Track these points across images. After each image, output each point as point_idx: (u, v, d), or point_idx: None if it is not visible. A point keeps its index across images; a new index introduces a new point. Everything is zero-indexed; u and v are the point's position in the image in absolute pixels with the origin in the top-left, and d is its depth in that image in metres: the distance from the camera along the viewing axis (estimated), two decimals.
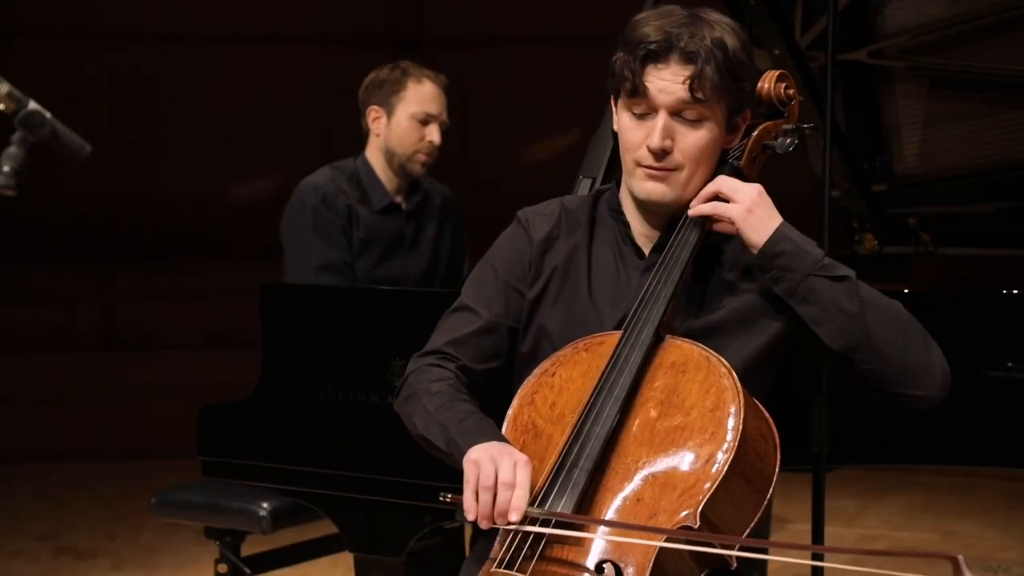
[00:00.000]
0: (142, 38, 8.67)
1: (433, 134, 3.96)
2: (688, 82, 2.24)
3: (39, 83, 3.66)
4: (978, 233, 3.94)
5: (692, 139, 2.28)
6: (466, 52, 8.89)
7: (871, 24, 3.86)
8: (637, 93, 2.27)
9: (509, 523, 2.06)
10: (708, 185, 2.30)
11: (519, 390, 2.27)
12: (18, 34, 8.41)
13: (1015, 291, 2.96)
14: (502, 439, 2.18)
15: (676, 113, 2.27)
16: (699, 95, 2.25)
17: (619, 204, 2.41)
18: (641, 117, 2.29)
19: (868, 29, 3.87)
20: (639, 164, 2.30)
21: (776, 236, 2.24)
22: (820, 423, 2.80)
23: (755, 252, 2.26)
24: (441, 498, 2.13)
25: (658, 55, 2.25)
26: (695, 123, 2.28)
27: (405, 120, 3.95)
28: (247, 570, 3.71)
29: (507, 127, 8.92)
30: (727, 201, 2.27)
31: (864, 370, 2.26)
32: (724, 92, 2.27)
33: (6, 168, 1.79)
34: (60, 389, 7.10)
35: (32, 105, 1.83)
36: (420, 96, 3.96)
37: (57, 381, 7.17)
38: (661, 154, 2.27)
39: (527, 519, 2.06)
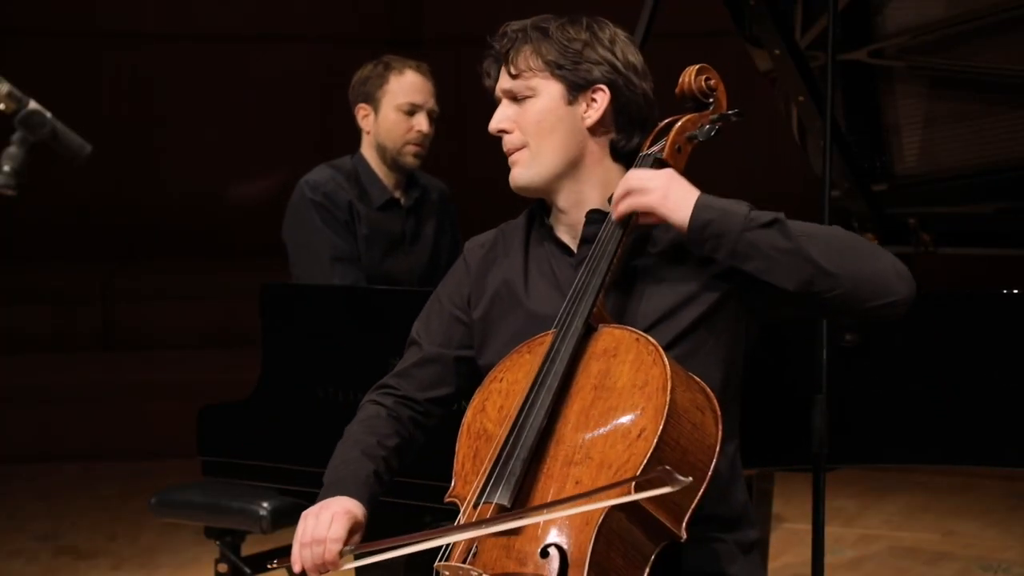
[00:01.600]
0: (142, 38, 8.68)
1: (421, 123, 3.95)
2: (506, 63, 2.43)
3: (39, 83, 3.66)
4: (978, 233, 3.94)
5: (523, 114, 2.44)
6: (466, 52, 8.87)
7: (871, 24, 3.86)
8: (494, 93, 2.48)
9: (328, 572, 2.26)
10: (618, 186, 2.34)
11: (471, 400, 2.35)
12: (18, 34, 8.41)
13: (1015, 291, 2.96)
14: (356, 491, 2.36)
15: (513, 97, 2.44)
16: (512, 70, 2.42)
17: (545, 213, 2.52)
18: None
19: (868, 29, 3.87)
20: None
21: (698, 209, 2.28)
22: (820, 423, 2.80)
23: (684, 231, 2.29)
24: (268, 566, 2.34)
25: (493, 55, 2.47)
26: (524, 100, 2.43)
27: (391, 113, 3.95)
28: (247, 570, 3.71)
29: None
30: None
31: (829, 299, 2.28)
32: (544, 64, 2.41)
33: (6, 168, 1.79)
34: (60, 389, 7.10)
35: (32, 105, 1.83)
36: (402, 87, 3.96)
37: (57, 381, 7.18)
38: (500, 135, 2.45)
39: (344, 560, 2.27)
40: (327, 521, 2.28)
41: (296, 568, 2.29)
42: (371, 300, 3.34)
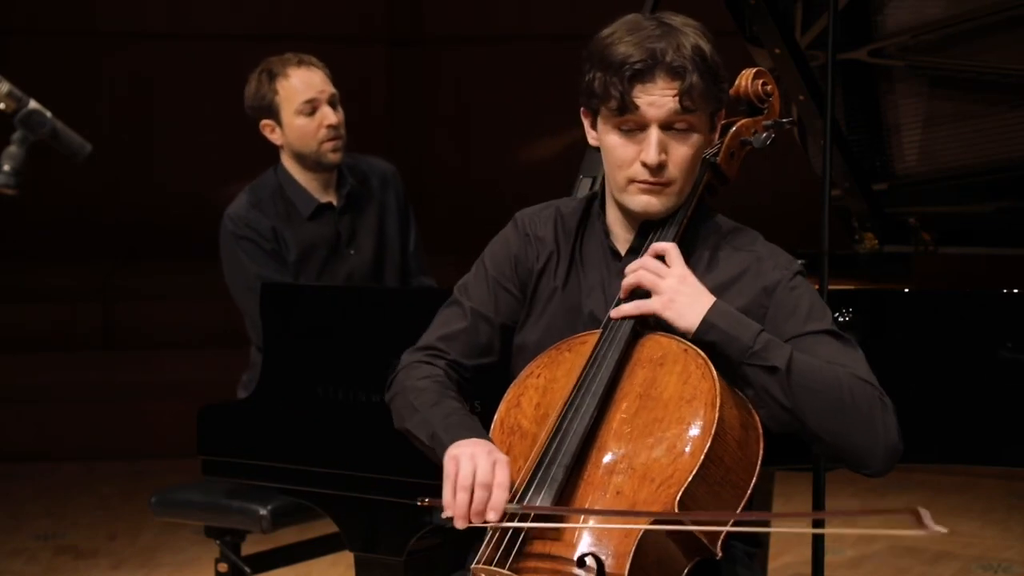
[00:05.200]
0: (142, 38, 8.67)
1: (327, 116, 3.82)
2: (679, 96, 2.26)
3: (39, 83, 3.66)
4: (979, 232, 3.94)
5: (683, 151, 2.30)
6: (467, 51, 8.89)
7: (871, 23, 3.86)
8: (627, 110, 2.28)
9: (486, 521, 2.09)
10: (629, 277, 2.28)
11: (506, 394, 2.32)
12: (18, 34, 8.41)
13: (1015, 291, 2.95)
14: (484, 436, 2.22)
15: (666, 126, 2.29)
16: (689, 105, 2.27)
17: (602, 206, 2.46)
18: (630, 133, 2.31)
19: (868, 28, 3.87)
20: (633, 180, 2.32)
21: (703, 326, 2.22)
22: None
23: (690, 336, 2.24)
24: (419, 502, 2.16)
25: (644, 73, 2.26)
26: (685, 133, 2.30)
27: (294, 119, 3.82)
28: (247, 569, 3.71)
29: (507, 127, 8.92)
30: (648, 292, 2.27)
31: (807, 441, 2.26)
32: (709, 98, 2.30)
33: (7, 167, 1.80)
34: (60, 389, 7.10)
35: (32, 104, 1.84)
36: (291, 91, 3.82)
37: (57, 381, 7.18)
38: (658, 169, 2.29)
39: (505, 517, 2.09)
40: (489, 466, 2.11)
41: (448, 512, 2.12)
42: (371, 299, 3.34)
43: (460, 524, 2.11)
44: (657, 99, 2.26)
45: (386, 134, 8.82)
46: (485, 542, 2.15)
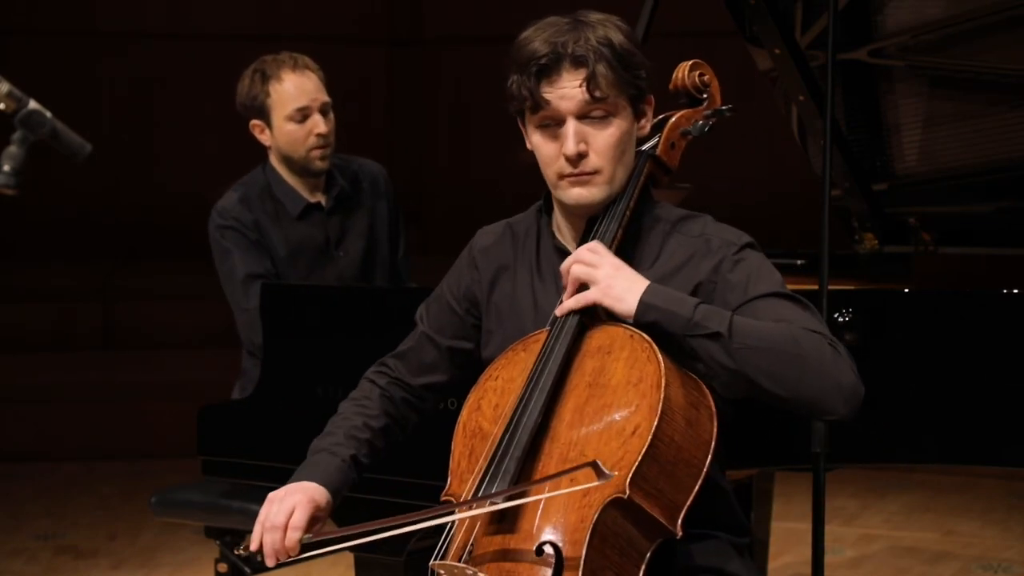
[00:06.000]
0: (142, 38, 8.67)
1: (317, 125, 3.77)
2: (584, 84, 2.30)
3: (39, 83, 3.65)
4: (979, 232, 3.94)
5: (604, 138, 2.33)
6: (466, 52, 8.88)
7: (871, 23, 3.86)
8: (539, 107, 2.34)
9: (291, 558, 2.30)
10: (569, 276, 2.31)
11: (467, 399, 2.36)
12: (18, 34, 8.41)
13: (1015, 291, 2.95)
14: (325, 480, 2.37)
15: (583, 116, 2.32)
16: (597, 93, 2.31)
17: (549, 210, 2.50)
18: (550, 129, 2.36)
19: (868, 28, 3.86)
20: (561, 175, 2.36)
21: (641, 307, 2.24)
22: (820, 423, 2.80)
23: (631, 320, 2.26)
24: (235, 552, 2.40)
25: (550, 68, 2.31)
26: (603, 120, 2.33)
27: (284, 124, 3.77)
28: (247, 569, 3.71)
29: (507, 127, 8.90)
30: (586, 284, 2.29)
31: (769, 403, 2.25)
32: (621, 84, 2.32)
33: (6, 167, 1.80)
34: (60, 389, 7.10)
35: (32, 104, 1.84)
36: (285, 96, 3.77)
37: (57, 381, 7.18)
38: (578, 159, 2.33)
39: (303, 551, 2.30)
40: (288, 509, 2.30)
41: (253, 547, 2.32)
42: (371, 299, 3.34)
43: (269, 562, 2.31)
44: (566, 91, 2.31)
45: (386, 134, 8.83)
46: (443, 538, 2.21)
